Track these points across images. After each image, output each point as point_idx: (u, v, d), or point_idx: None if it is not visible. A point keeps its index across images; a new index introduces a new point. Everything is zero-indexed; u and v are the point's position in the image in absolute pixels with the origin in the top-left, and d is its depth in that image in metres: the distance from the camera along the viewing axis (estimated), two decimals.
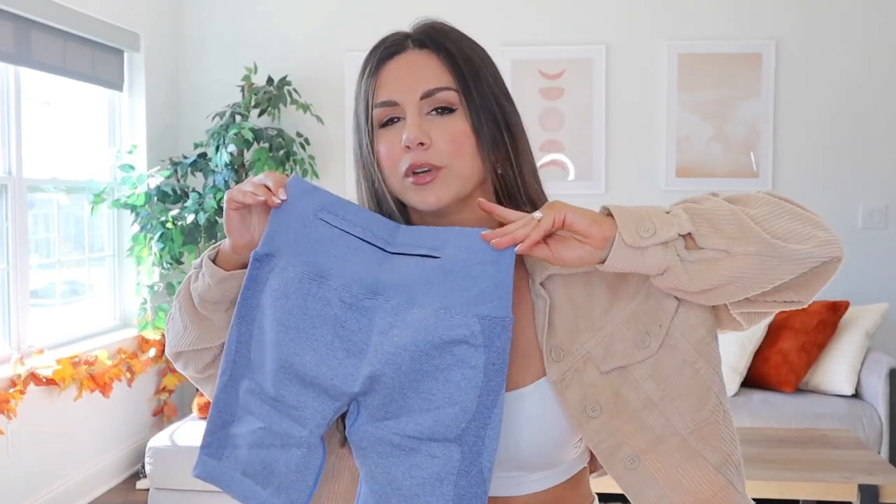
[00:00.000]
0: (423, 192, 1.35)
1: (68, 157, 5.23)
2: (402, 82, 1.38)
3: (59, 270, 5.14)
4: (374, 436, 1.29)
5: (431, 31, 1.46)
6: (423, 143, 1.34)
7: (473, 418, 1.26)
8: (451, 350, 1.26)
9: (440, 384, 1.26)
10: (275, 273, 1.33)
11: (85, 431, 4.96)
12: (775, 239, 1.25)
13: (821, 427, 4.60)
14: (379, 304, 1.30)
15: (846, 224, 5.76)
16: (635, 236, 1.23)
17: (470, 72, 1.39)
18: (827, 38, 5.75)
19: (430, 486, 1.27)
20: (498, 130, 1.39)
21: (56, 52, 4.89)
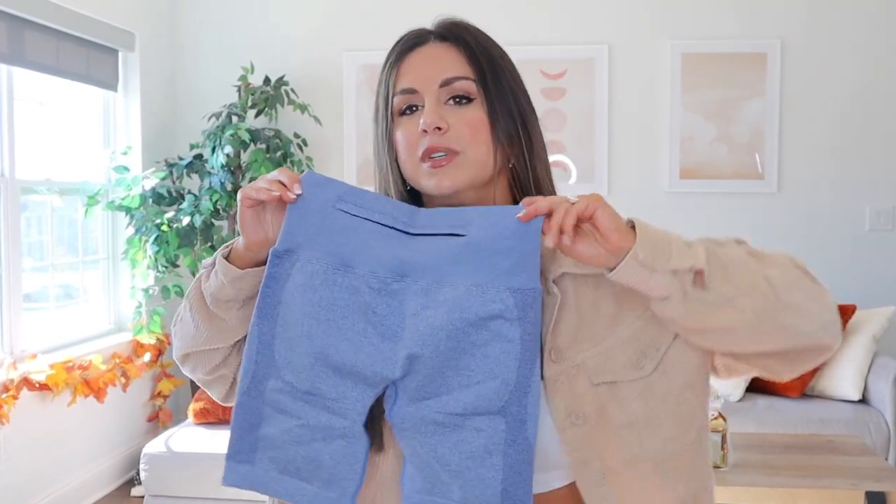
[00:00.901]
0: (439, 175, 1.40)
1: (62, 159, 5.23)
2: (423, 71, 1.45)
3: (52, 273, 5.14)
4: (415, 416, 1.31)
5: (452, 26, 1.51)
6: (440, 128, 1.40)
7: (515, 388, 1.29)
8: (488, 325, 1.29)
9: (478, 360, 1.29)
10: (297, 268, 1.35)
11: (79, 437, 4.96)
12: (781, 306, 1.28)
13: (827, 433, 4.60)
14: (407, 286, 1.32)
15: (853, 226, 5.77)
16: (650, 256, 1.25)
17: (488, 64, 1.45)
18: (833, 37, 5.75)
19: (479, 458, 1.30)
20: (513, 124, 1.45)
21: (50, 51, 4.89)
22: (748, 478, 3.58)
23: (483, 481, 1.30)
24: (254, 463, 1.38)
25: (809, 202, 5.80)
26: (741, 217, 5.82)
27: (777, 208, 5.81)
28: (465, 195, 1.43)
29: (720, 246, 1.31)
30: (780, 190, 5.81)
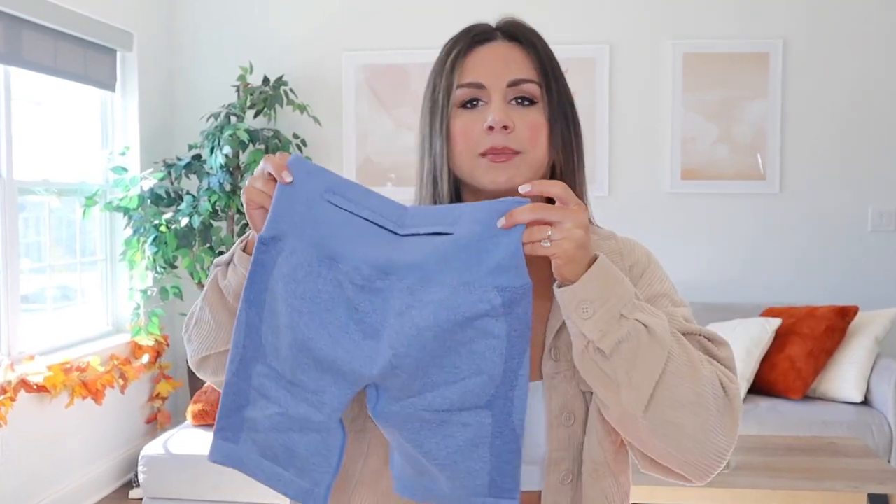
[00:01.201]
0: (497, 170, 1.42)
1: (60, 159, 5.23)
2: (492, 68, 1.46)
3: (50, 275, 5.14)
4: (399, 414, 1.31)
5: (520, 27, 1.54)
6: (507, 127, 1.42)
7: (501, 383, 1.29)
8: (473, 324, 1.28)
9: (464, 357, 1.29)
10: (283, 257, 1.34)
11: (76, 439, 4.96)
12: (661, 420, 1.29)
13: (829, 435, 4.60)
14: (392, 285, 1.31)
15: (855, 227, 5.77)
16: (572, 305, 1.28)
17: (552, 70, 1.49)
18: (836, 36, 5.75)
19: (466, 451, 1.30)
20: (568, 129, 1.49)
21: (47, 51, 4.89)
22: (750, 480, 3.58)
23: (471, 473, 1.31)
24: (238, 443, 1.39)
25: (812, 203, 5.80)
26: (743, 218, 5.82)
27: (779, 209, 5.81)
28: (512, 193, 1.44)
29: (654, 337, 1.29)
30: (783, 191, 5.81)
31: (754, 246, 5.84)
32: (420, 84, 6.14)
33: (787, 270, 5.82)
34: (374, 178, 5.98)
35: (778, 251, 5.83)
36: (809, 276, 5.80)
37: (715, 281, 5.76)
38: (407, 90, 5.97)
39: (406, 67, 5.97)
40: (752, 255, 5.84)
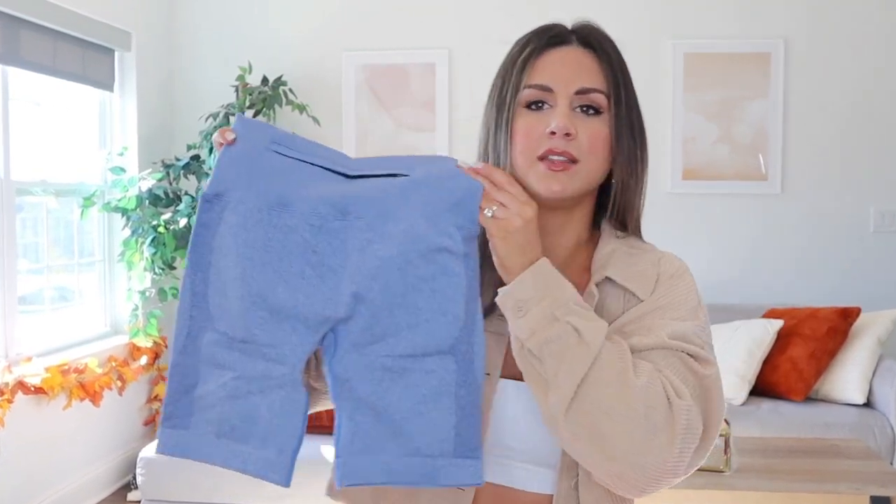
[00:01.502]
0: (551, 178, 1.43)
1: (58, 160, 5.23)
2: (562, 72, 1.46)
3: (47, 276, 5.14)
4: (360, 364, 1.28)
5: (596, 33, 1.53)
6: (569, 134, 1.42)
7: (464, 325, 1.30)
8: (435, 259, 1.29)
9: (426, 295, 1.29)
10: (229, 209, 1.31)
11: (74, 441, 4.96)
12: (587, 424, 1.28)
13: (831, 437, 4.60)
14: (350, 223, 1.30)
15: (857, 228, 5.77)
16: (510, 304, 1.32)
17: (622, 81, 1.48)
18: (837, 36, 5.75)
19: (431, 402, 1.29)
20: (633, 142, 1.48)
21: (45, 51, 4.89)
22: (751, 482, 3.58)
23: (436, 425, 1.29)
24: (189, 427, 1.33)
25: (813, 203, 5.80)
26: (744, 219, 5.82)
27: (780, 210, 5.81)
28: (571, 202, 1.48)
29: (582, 340, 1.30)
30: (784, 191, 5.81)
31: (755, 246, 5.84)
32: (419, 84, 6.15)
33: (788, 271, 5.82)
34: None
35: (779, 252, 5.83)
36: (811, 276, 5.80)
37: (716, 282, 5.76)
38: (407, 90, 5.98)
39: (406, 67, 5.97)
40: (753, 256, 5.85)
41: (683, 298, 1.44)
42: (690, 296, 1.45)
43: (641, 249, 1.51)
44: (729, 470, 3.64)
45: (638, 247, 1.51)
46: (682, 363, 1.34)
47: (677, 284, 1.46)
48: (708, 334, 1.43)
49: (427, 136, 5.97)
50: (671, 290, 1.45)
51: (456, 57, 5.93)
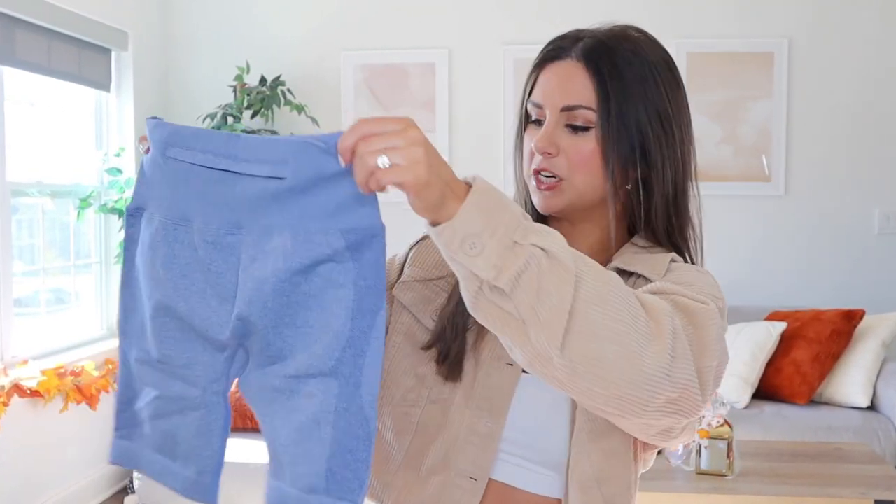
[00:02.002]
0: (541, 196, 1.46)
1: (53, 161, 5.24)
2: (550, 89, 1.46)
3: (43, 278, 5.14)
4: (258, 384, 1.22)
5: (595, 43, 1.48)
6: (549, 153, 1.44)
7: (348, 345, 1.15)
8: (318, 272, 1.16)
9: (315, 313, 1.16)
10: (144, 224, 1.26)
11: (71, 445, 4.96)
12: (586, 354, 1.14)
13: (835, 440, 4.60)
14: (242, 239, 1.19)
15: (861, 230, 5.77)
16: (456, 242, 1.12)
17: (616, 93, 1.42)
18: (842, 35, 5.76)
19: (307, 431, 1.17)
20: (630, 156, 1.43)
21: (41, 50, 4.90)
22: (754, 486, 3.59)
23: (308, 458, 1.17)
24: (132, 439, 1.32)
25: (817, 205, 5.81)
26: (747, 221, 5.82)
27: (784, 211, 5.82)
28: (575, 216, 1.49)
29: (555, 261, 1.13)
30: (788, 193, 5.81)
31: (759, 248, 5.85)
32: (419, 84, 6.15)
33: (792, 273, 5.83)
34: None
35: (783, 254, 5.83)
36: (815, 279, 5.81)
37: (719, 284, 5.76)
38: (406, 90, 5.98)
39: (406, 67, 5.98)
40: (756, 258, 5.85)
41: (698, 279, 1.39)
42: (708, 284, 1.39)
43: (662, 252, 1.49)
44: (732, 474, 3.64)
45: (660, 251, 1.49)
46: (672, 298, 1.27)
47: (692, 271, 1.45)
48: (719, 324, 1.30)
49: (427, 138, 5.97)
50: (686, 273, 1.42)
51: (456, 57, 5.93)
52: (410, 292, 1.52)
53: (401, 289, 1.54)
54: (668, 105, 1.45)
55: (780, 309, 5.49)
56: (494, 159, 5.86)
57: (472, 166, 5.92)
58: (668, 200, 1.51)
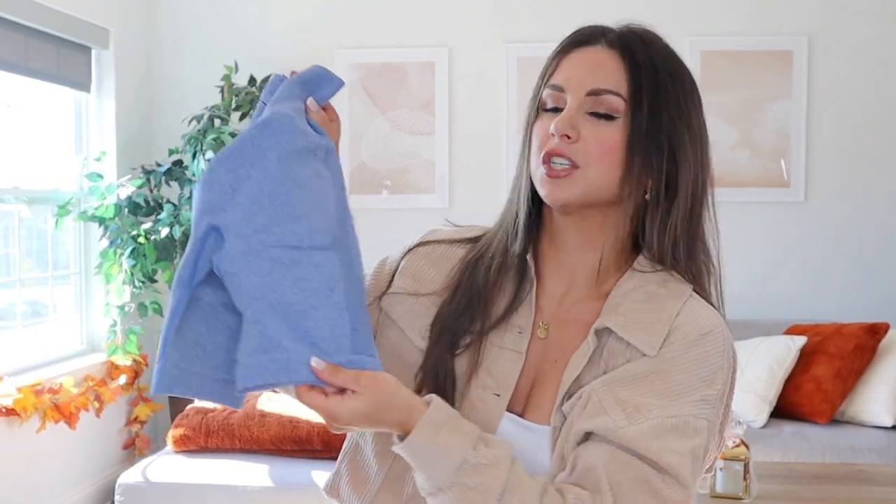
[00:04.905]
0: (551, 185, 1.43)
1: (30, 165, 5.26)
2: (577, 73, 1.45)
3: (19, 290, 5.16)
4: (247, 254, 1.31)
5: (629, 33, 1.51)
6: (569, 136, 1.41)
7: (338, 225, 1.36)
8: (307, 161, 1.35)
9: (304, 193, 1.33)
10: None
11: (49, 466, 4.97)
12: None
13: (858, 462, 4.61)
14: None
15: (885, 238, 5.79)
16: (414, 460, 1.32)
17: (650, 85, 1.43)
18: (864, 33, 5.77)
19: (323, 295, 1.31)
20: (658, 155, 1.44)
21: (17, 48, 4.91)
22: None
23: (331, 321, 1.31)
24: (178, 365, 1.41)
25: (839, 212, 5.82)
26: (765, 228, 5.84)
27: (803, 218, 5.83)
28: (584, 212, 1.46)
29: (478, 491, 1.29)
30: (807, 199, 5.83)
31: (777, 258, 5.86)
32: (418, 84, 6.16)
33: (812, 285, 5.84)
34: (368, 185, 6.01)
35: (803, 264, 5.84)
36: (837, 290, 5.82)
37: (735, 296, 5.74)
38: (404, 91, 6.01)
39: (403, 67, 6.00)
40: (774, 269, 5.86)
41: (696, 363, 1.39)
42: (709, 361, 1.40)
43: (668, 292, 1.46)
44: (749, 497, 3.65)
45: (668, 287, 1.47)
46: (645, 485, 1.32)
47: (693, 348, 1.40)
48: (717, 412, 1.40)
49: (425, 140, 6.00)
50: (684, 351, 1.40)
51: (456, 56, 5.95)
52: (399, 305, 1.55)
53: (390, 301, 1.57)
54: (695, 113, 1.48)
55: (799, 322, 5.50)
56: (496, 163, 5.88)
57: (473, 169, 5.94)
58: (688, 212, 1.51)
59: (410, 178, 6.02)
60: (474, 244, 1.59)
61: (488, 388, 1.44)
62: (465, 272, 1.54)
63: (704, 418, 1.37)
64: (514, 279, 1.51)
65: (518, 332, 1.47)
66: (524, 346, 1.46)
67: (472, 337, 1.47)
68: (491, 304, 1.50)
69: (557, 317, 1.50)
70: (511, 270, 1.52)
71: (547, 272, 1.53)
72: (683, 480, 1.33)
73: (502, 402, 1.43)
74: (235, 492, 4.34)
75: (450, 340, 1.47)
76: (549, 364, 1.46)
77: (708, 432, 1.37)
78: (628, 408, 1.34)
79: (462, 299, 1.51)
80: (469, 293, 1.51)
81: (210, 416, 4.67)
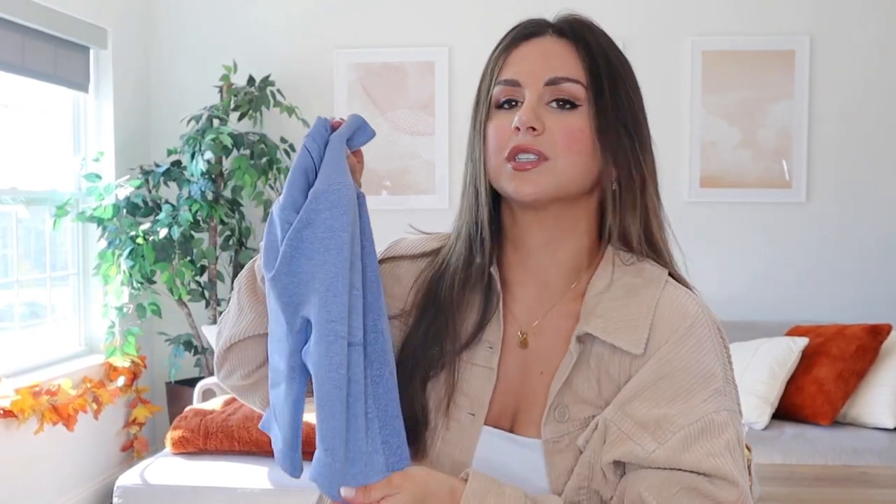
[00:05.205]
0: (520, 179, 1.39)
1: (28, 166, 5.26)
2: (530, 64, 1.44)
3: (17, 291, 5.16)
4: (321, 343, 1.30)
5: (575, 23, 1.50)
6: (534, 129, 1.38)
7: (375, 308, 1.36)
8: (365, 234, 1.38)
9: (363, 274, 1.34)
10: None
11: (46, 468, 4.97)
12: None
13: (860, 464, 4.61)
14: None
15: (887, 239, 5.79)
16: None
17: (606, 71, 1.43)
18: (867, 32, 5.78)
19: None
20: (626, 140, 1.43)
21: (14, 48, 4.92)
22: None
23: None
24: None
25: (841, 213, 5.82)
26: (767, 229, 5.84)
27: (806, 219, 5.83)
28: (552, 208, 1.43)
29: None
30: (809, 200, 5.83)
31: (779, 259, 5.86)
32: (417, 84, 6.17)
33: (814, 286, 5.84)
34: (368, 187, 5.98)
35: (804, 265, 5.85)
36: (839, 291, 5.82)
37: (736, 297, 5.78)
38: (403, 91, 6.01)
39: (403, 66, 6.00)
40: (776, 269, 5.87)
41: (693, 356, 1.38)
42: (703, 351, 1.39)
43: (644, 281, 1.45)
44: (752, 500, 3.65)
45: (643, 276, 1.45)
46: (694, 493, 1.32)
47: (685, 341, 1.39)
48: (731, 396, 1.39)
49: (425, 141, 6.00)
50: (678, 348, 1.39)
51: (457, 55, 5.96)
52: None
53: None
54: (640, 94, 1.49)
55: (801, 323, 5.50)
56: None
57: None
58: (654, 197, 1.48)
59: (410, 179, 6.02)
60: (435, 258, 1.55)
61: (463, 408, 1.42)
62: (428, 293, 1.51)
63: (724, 409, 1.36)
64: (481, 293, 1.47)
65: (489, 348, 1.44)
66: (495, 361, 1.43)
67: (444, 359, 1.44)
68: (459, 322, 1.47)
69: (535, 324, 1.47)
70: (476, 284, 1.48)
71: (515, 280, 1.50)
72: (730, 477, 1.32)
73: (477, 420, 1.41)
74: (234, 494, 4.34)
75: (422, 376, 1.44)
76: (534, 376, 1.44)
77: (732, 421, 1.36)
78: (650, 427, 1.33)
79: (429, 327, 1.47)
80: (434, 317, 1.47)
81: (209, 418, 4.67)
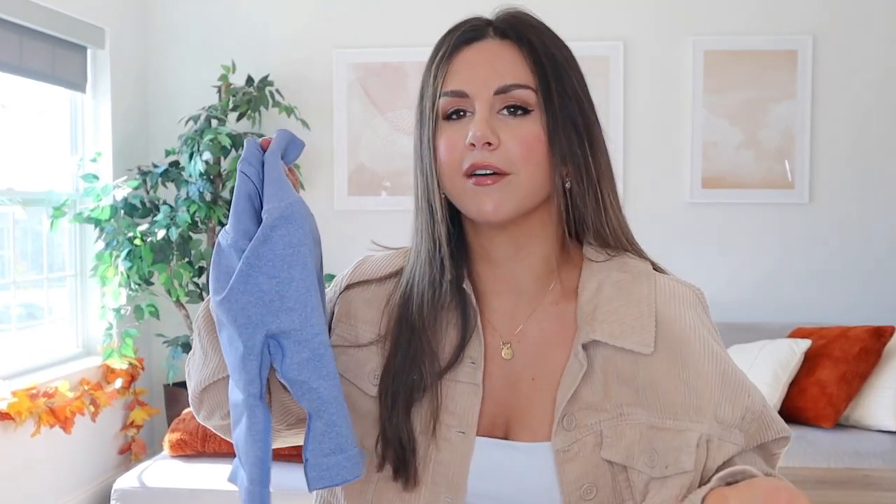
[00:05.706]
0: (482, 196, 1.35)
1: (25, 166, 5.27)
2: (477, 72, 1.38)
3: (14, 292, 5.16)
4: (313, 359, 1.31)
5: (515, 22, 1.44)
6: (490, 144, 1.34)
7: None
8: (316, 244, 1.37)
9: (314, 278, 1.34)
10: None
11: (44, 471, 4.98)
12: None
13: (863, 466, 4.61)
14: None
15: (890, 240, 5.79)
16: None
17: (553, 71, 1.39)
18: (869, 32, 5.78)
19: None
20: (577, 139, 1.39)
21: (11, 48, 4.92)
22: None
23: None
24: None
25: (843, 214, 5.82)
26: (769, 230, 5.84)
27: (808, 220, 5.84)
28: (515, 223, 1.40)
29: None
30: (812, 200, 5.83)
31: (781, 260, 5.87)
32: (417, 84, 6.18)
33: (816, 287, 5.85)
34: (368, 187, 6.02)
35: (807, 266, 5.85)
36: (841, 293, 5.83)
37: (738, 299, 5.78)
38: (403, 91, 6.01)
39: (402, 66, 6.01)
40: (778, 271, 5.87)
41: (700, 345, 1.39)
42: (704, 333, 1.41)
43: (633, 276, 1.44)
44: None
45: (630, 270, 1.44)
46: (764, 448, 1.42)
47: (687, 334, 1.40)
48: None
49: None
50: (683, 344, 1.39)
51: None
52: (343, 356, 1.47)
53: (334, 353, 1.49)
54: (587, 87, 1.45)
55: (803, 325, 5.50)
56: None
57: None
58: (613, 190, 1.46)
59: (410, 179, 6.00)
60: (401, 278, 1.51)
61: (452, 427, 1.39)
62: (400, 318, 1.46)
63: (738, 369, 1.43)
64: (456, 310, 1.44)
65: (471, 363, 1.41)
66: (479, 377, 1.40)
67: (425, 382, 1.41)
68: (436, 343, 1.43)
69: (517, 333, 1.45)
70: (448, 302, 1.44)
71: (489, 290, 1.47)
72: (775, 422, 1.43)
73: (468, 437, 1.39)
74: (233, 497, 4.33)
75: (405, 402, 1.41)
76: (525, 382, 1.42)
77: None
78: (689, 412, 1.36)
79: (407, 352, 1.43)
80: (409, 341, 1.43)
81: None
